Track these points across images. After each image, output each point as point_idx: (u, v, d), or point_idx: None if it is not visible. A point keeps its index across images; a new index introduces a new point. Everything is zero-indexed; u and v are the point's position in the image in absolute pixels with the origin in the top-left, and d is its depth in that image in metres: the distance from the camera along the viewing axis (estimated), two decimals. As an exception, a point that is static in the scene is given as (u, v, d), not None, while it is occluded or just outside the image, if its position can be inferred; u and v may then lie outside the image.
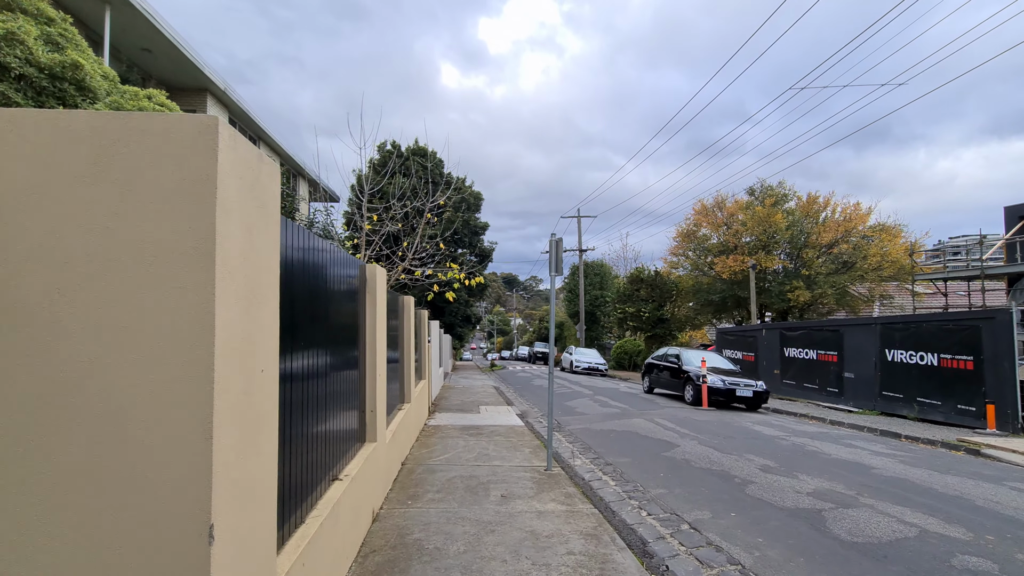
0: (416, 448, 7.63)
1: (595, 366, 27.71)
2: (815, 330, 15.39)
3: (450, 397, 14.94)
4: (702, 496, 5.62)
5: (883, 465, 7.14)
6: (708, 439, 8.76)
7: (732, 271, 24.52)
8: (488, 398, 14.91)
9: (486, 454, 7.32)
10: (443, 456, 7.13)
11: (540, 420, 11.28)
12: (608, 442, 8.67)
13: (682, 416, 11.39)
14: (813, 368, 15.25)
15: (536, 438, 8.71)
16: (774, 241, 24.99)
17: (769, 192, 25.64)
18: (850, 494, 5.69)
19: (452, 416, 11.10)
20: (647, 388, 16.42)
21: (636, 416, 11.39)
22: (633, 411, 12.24)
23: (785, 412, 13.01)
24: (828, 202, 25.27)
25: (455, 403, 13.64)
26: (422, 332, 10.62)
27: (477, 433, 9.03)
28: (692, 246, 28.35)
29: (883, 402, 12.74)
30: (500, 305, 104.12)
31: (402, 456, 6.66)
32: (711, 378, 12.81)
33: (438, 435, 8.78)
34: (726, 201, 27.19)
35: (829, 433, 9.93)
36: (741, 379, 13.09)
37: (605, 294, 38.58)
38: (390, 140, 30.37)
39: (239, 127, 20.53)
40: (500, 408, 12.78)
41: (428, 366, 11.28)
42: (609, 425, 10.33)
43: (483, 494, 5.34)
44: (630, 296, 28.72)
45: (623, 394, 16.23)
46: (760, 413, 12.81)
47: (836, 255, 24.60)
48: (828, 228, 23.30)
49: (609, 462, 7.24)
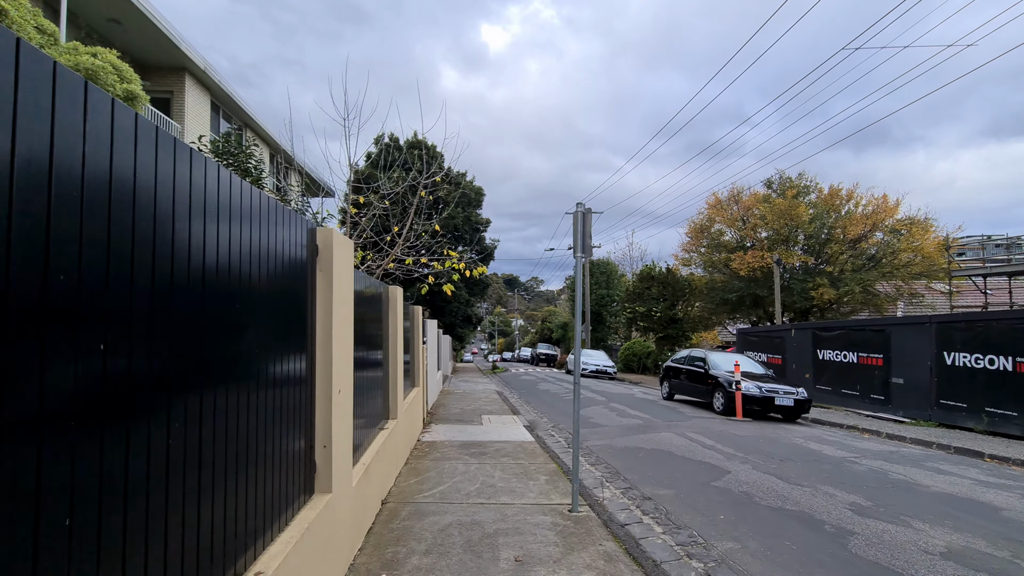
0: (404, 476, 6.10)
1: (603, 368, 26.16)
2: (855, 330, 13.85)
3: (449, 404, 13.42)
4: (791, 556, 4.08)
5: (1009, 504, 5.58)
6: (761, 462, 7.22)
7: (750, 268, 22.98)
8: (491, 405, 13.39)
9: (491, 484, 5.79)
10: (437, 489, 5.60)
11: (552, 433, 9.76)
12: (639, 464, 7.14)
13: (717, 429, 9.85)
14: (853, 372, 13.70)
15: (551, 459, 7.18)
16: (796, 236, 23.46)
17: (789, 184, 24.09)
18: (1003, 556, 4.14)
19: (450, 429, 9.58)
20: (666, 394, 14.88)
21: (663, 429, 9.86)
22: (658, 422, 10.70)
23: (828, 423, 11.46)
24: (851, 194, 23.71)
25: (454, 411, 12.11)
26: (415, 331, 9.10)
27: (480, 453, 7.50)
28: (705, 242, 26.81)
29: (941, 412, 11.19)
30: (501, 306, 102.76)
31: (383, 491, 5.13)
32: (746, 384, 11.26)
33: (433, 455, 7.25)
34: (742, 194, 25.64)
35: (899, 452, 8.38)
36: (779, 385, 11.55)
37: (611, 293, 37.03)
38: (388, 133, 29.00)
39: (223, 112, 19.04)
40: (505, 418, 11.26)
41: (423, 371, 9.76)
42: (634, 441, 8.80)
43: (490, 556, 3.81)
44: (640, 295, 27.16)
45: (640, 401, 14.69)
46: (802, 424, 11.27)
47: (862, 251, 23.07)
48: (855, 222, 21.74)
49: (647, 495, 5.71)
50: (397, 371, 6.19)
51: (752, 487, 5.93)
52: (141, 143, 1.43)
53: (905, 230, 21.60)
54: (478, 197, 29.94)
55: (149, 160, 1.47)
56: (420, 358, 9.48)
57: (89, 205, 1.22)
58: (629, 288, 29.90)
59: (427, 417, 10.69)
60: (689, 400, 14.45)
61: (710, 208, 26.49)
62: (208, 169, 1.81)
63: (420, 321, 9.47)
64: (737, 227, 25.06)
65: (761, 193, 25.21)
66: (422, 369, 9.62)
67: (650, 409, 12.82)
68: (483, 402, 14.15)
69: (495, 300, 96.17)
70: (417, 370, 9.27)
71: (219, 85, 17.68)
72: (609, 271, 38.06)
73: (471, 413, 11.91)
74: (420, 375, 9.40)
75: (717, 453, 7.77)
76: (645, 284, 27.16)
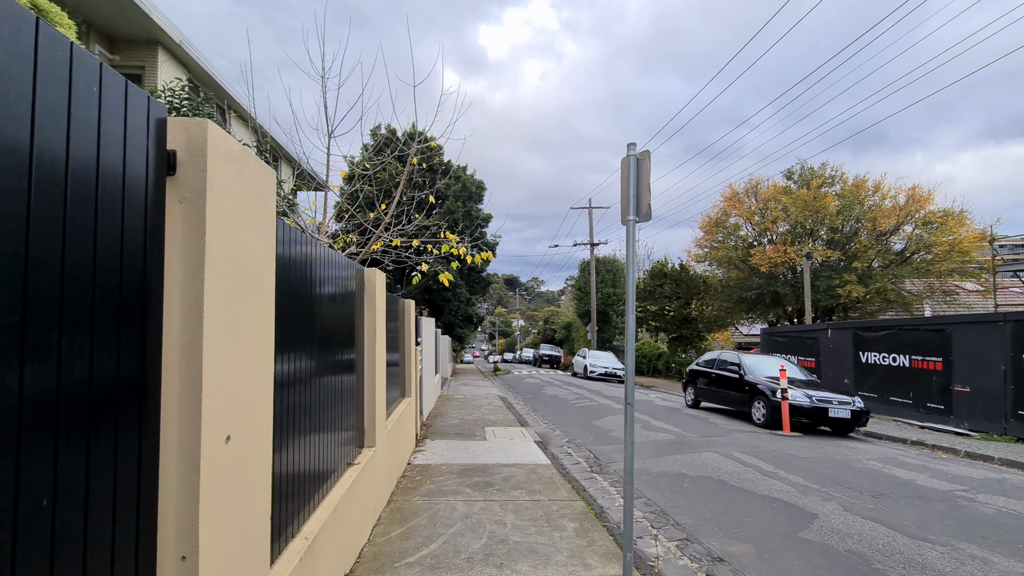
0: (385, 523, 4.52)
1: (612, 371, 24.57)
2: (907, 330, 12.26)
3: (447, 413, 11.84)
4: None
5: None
6: (849, 498, 5.62)
7: (772, 263, 21.40)
8: (495, 414, 11.82)
9: (503, 538, 4.21)
10: (427, 549, 4.01)
11: (568, 451, 8.20)
12: (688, 499, 5.57)
13: (767, 448, 8.27)
14: (904, 378, 12.12)
15: (576, 493, 5.61)
16: (819, 229, 21.88)
17: (813, 174, 22.51)
18: None
19: (449, 446, 8.00)
20: (691, 401, 13.29)
21: (703, 447, 8.28)
22: (693, 437, 9.12)
23: (887, 438, 9.88)
24: (879, 186, 22.11)
25: (453, 422, 10.54)
26: (405, 330, 7.54)
27: (485, 483, 5.92)
28: (720, 236, 25.22)
29: (1019, 424, 9.61)
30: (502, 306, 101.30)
31: (347, 560, 3.55)
32: (794, 393, 9.66)
33: (425, 487, 5.68)
34: (760, 186, 24.06)
35: (1009, 480, 6.77)
36: (830, 393, 9.95)
37: (618, 292, 35.44)
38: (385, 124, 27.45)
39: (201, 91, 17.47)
40: (511, 431, 9.69)
41: (415, 377, 8.19)
42: (672, 463, 7.22)
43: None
44: (652, 293, 25.55)
45: (662, 409, 13.11)
46: (860, 440, 9.68)
47: (889, 245, 21.50)
48: (885, 214, 20.15)
49: (716, 552, 4.15)
50: (376, 383, 4.61)
51: (861, 543, 4.35)
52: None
53: (939, 223, 20.00)
54: (479, 191, 28.33)
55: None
56: (412, 362, 7.91)
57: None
58: (639, 286, 28.30)
59: (421, 431, 9.12)
60: (718, 408, 12.87)
61: (725, 201, 24.89)
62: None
63: (411, 317, 7.90)
64: (755, 221, 23.47)
65: (781, 185, 23.64)
66: (414, 375, 8.05)
67: (677, 419, 11.23)
68: (485, 410, 12.58)
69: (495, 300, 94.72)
70: (408, 377, 7.70)
71: (197, 62, 16.05)
72: (616, 269, 36.47)
73: (472, 424, 10.34)
74: (412, 382, 7.82)
75: (784, 483, 6.19)
76: (657, 281, 25.54)
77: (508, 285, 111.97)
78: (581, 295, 37.11)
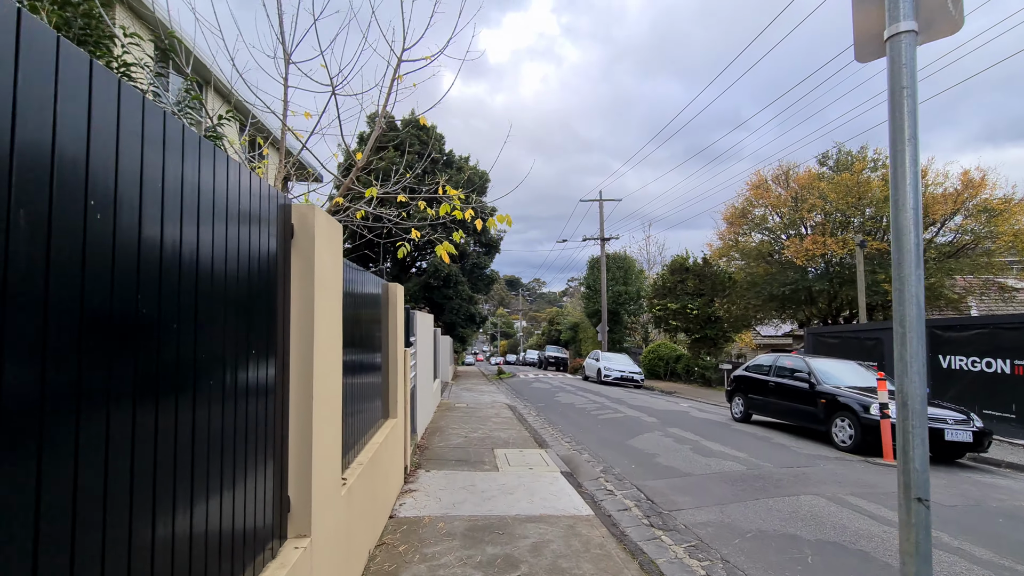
0: None
1: (629, 375, 22.42)
2: (1006, 328, 10.11)
3: (448, 428, 9.72)
4: None
5: None
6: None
7: (808, 256, 19.27)
8: (504, 429, 9.69)
9: None
10: None
11: (609, 487, 6.14)
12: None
13: (884, 487, 6.12)
14: (1003, 387, 9.97)
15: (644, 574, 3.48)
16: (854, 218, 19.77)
17: (854, 157, 20.39)
18: None
19: (449, 480, 5.87)
20: (740, 414, 11.12)
21: (794, 485, 6.14)
22: (771, 468, 6.97)
23: (1007, 465, 7.73)
24: (925, 172, 19.98)
25: (455, 442, 8.42)
26: (391, 326, 5.42)
27: (505, 563, 3.79)
28: (746, 228, 23.07)
29: None
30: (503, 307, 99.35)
31: None
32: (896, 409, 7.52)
33: (412, 571, 3.56)
34: (791, 172, 21.94)
35: None
36: (942, 409, 7.76)
37: (629, 290, 33.29)
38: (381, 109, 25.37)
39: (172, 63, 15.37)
40: (528, 454, 7.56)
41: (405, 389, 6.06)
42: (767, 515, 5.08)
43: None
44: (672, 290, 23.35)
45: (705, 424, 10.97)
46: (982, 470, 7.52)
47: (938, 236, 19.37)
48: (939, 200, 18.01)
49: None
50: (318, 416, 2.48)
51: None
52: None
53: (1000, 210, 17.85)
54: (483, 183, 26.20)
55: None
56: (401, 369, 5.78)
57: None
58: (657, 283, 26.11)
59: (412, 459, 6.98)
60: (776, 424, 10.71)
61: (752, 189, 22.75)
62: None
63: (399, 308, 5.77)
64: (787, 210, 21.32)
65: (815, 171, 21.53)
66: (403, 387, 5.92)
67: (734, 439, 9.08)
68: (493, 424, 10.45)
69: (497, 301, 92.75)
70: (394, 390, 5.57)
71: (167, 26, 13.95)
72: (627, 266, 34.32)
73: (479, 445, 8.22)
74: (399, 397, 5.69)
75: (964, 559, 4.05)
76: (678, 277, 23.33)
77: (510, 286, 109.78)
78: (590, 293, 34.97)
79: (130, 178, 1.23)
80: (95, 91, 1.12)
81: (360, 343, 3.96)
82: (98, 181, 1.12)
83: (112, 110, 1.17)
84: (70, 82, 1.05)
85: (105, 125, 1.15)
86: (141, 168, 1.28)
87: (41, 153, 0.97)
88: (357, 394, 3.84)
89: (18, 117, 0.92)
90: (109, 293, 1.15)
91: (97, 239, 1.11)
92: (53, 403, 0.99)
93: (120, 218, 1.19)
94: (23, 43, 0.94)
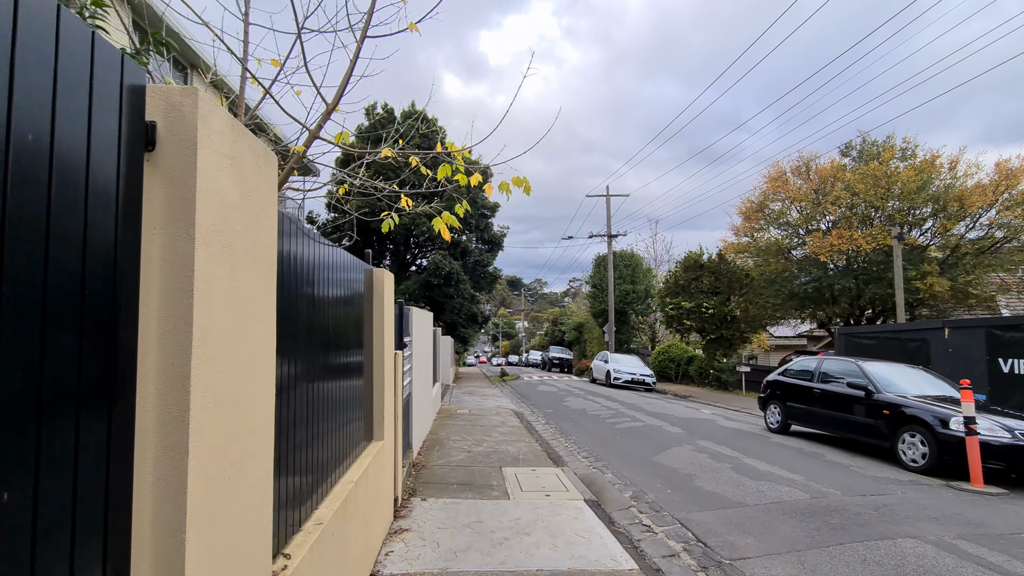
0: None
1: (640, 378, 21.21)
2: (1083, 329, 8.91)
3: (448, 440, 8.54)
4: None
5: None
6: None
7: (833, 251, 18.07)
8: (513, 441, 8.51)
9: None
10: None
11: (645, 522, 4.99)
12: None
13: (997, 527, 4.93)
14: (1078, 395, 8.77)
15: None
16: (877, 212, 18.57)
17: (881, 147, 19.18)
18: None
19: (449, 516, 4.68)
20: (777, 424, 9.90)
21: (881, 524, 4.95)
22: (840, 497, 5.77)
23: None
24: (955, 163, 18.74)
25: (456, 458, 7.25)
26: (375, 322, 4.24)
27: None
28: (762, 223, 21.87)
29: None
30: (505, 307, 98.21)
31: None
32: (987, 425, 6.30)
33: None
34: (813, 162, 20.74)
35: None
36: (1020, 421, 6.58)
37: (637, 288, 32.09)
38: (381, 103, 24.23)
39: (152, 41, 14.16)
40: (542, 474, 6.39)
41: (396, 402, 4.87)
42: (864, 575, 3.89)
43: None
44: (685, 287, 22.12)
45: (738, 435, 9.78)
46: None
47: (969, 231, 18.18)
48: (976, 191, 16.79)
49: None
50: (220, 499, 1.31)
51: None
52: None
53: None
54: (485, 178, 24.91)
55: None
56: (390, 377, 4.60)
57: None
58: (669, 280, 24.89)
59: (406, 483, 5.80)
60: (821, 435, 9.51)
61: (769, 182, 21.55)
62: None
63: (388, 301, 4.57)
64: (808, 203, 20.11)
65: (839, 162, 20.34)
66: (392, 399, 4.74)
67: (778, 456, 7.89)
68: (499, 434, 9.27)
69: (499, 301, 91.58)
70: (381, 405, 4.39)
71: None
72: (634, 264, 33.13)
73: (484, 463, 7.04)
74: (387, 414, 4.50)
75: None
76: (692, 275, 22.08)
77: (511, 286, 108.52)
78: (596, 292, 33.77)
79: None
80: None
81: (325, 344, 2.79)
82: None
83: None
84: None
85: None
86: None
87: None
88: (318, 416, 2.67)
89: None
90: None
91: None
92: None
93: None
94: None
